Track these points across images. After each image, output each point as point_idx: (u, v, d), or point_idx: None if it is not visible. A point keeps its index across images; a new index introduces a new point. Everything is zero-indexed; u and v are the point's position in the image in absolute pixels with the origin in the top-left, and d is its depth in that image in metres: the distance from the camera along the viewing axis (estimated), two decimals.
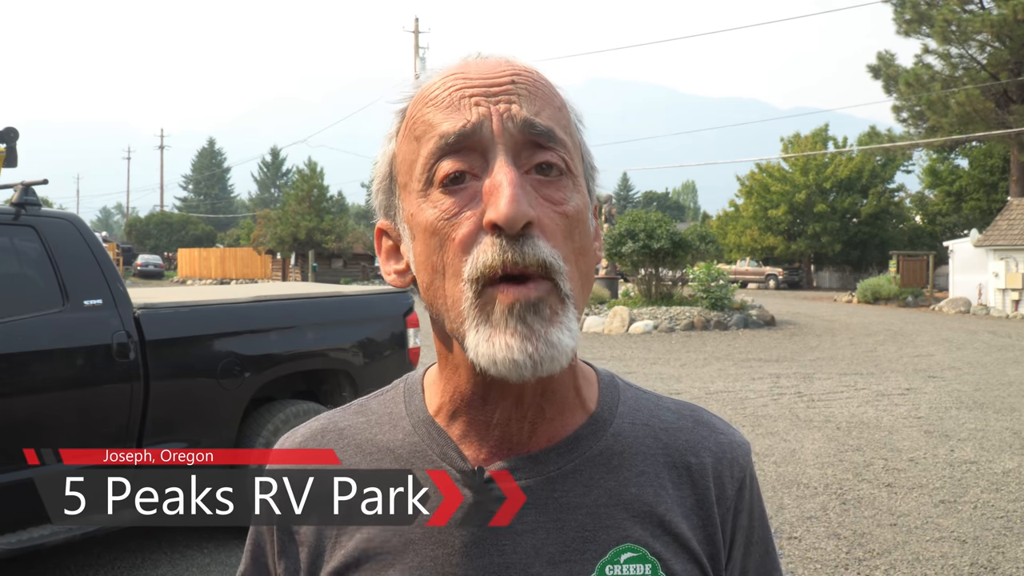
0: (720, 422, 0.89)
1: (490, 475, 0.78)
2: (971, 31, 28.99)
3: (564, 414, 0.81)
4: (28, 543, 3.59)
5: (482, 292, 0.71)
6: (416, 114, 0.77)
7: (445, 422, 0.81)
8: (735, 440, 0.87)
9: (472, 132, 0.72)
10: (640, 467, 0.81)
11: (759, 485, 0.90)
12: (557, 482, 0.79)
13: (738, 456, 0.86)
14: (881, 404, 9.31)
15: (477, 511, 0.77)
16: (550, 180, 0.74)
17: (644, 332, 17.25)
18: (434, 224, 0.73)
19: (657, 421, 0.85)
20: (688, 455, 0.83)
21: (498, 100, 0.74)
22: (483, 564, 0.76)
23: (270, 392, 4.77)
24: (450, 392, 0.81)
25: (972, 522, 5.22)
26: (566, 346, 0.71)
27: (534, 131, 0.73)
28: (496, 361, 0.70)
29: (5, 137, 4.90)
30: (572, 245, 0.74)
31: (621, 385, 0.88)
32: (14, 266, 4.13)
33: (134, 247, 59.33)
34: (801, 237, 40.73)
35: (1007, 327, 19.73)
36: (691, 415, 0.88)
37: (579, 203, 0.75)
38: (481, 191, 0.72)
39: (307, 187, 38.93)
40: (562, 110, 0.78)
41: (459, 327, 0.72)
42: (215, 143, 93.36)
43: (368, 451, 0.83)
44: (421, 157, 0.74)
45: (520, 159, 0.73)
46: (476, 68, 0.77)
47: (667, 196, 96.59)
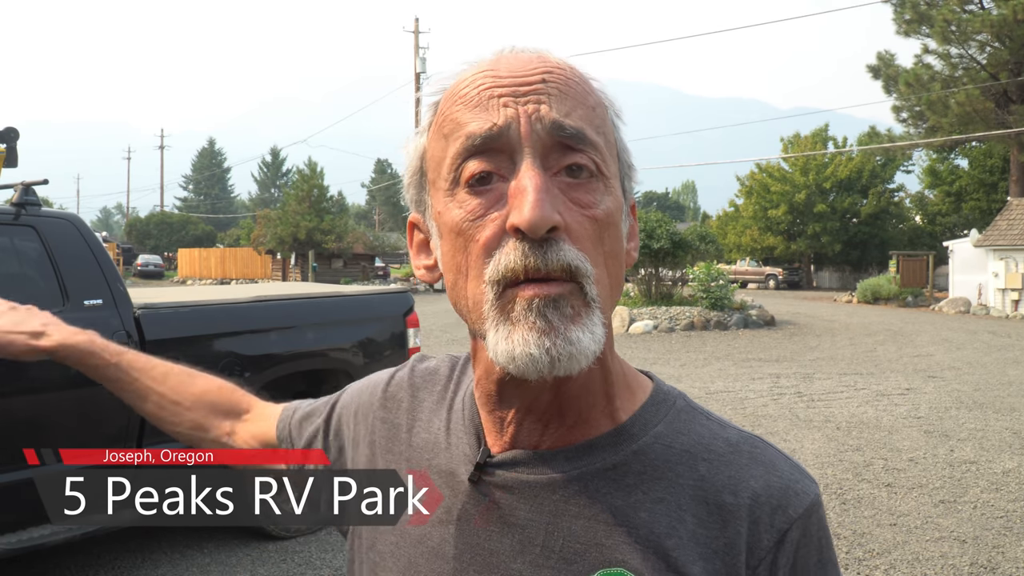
0: (785, 463, 0.78)
1: (503, 460, 0.79)
2: (971, 31, 28.99)
3: (588, 421, 0.78)
4: (28, 543, 3.59)
5: (503, 293, 0.70)
6: (446, 110, 0.76)
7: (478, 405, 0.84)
8: (793, 486, 0.76)
9: (499, 135, 0.71)
10: (660, 493, 0.75)
11: (830, 549, 0.77)
12: (558, 485, 0.76)
13: (789, 503, 0.75)
14: (881, 404, 9.31)
15: (477, 490, 0.79)
16: (580, 183, 0.72)
17: (644, 332, 17.25)
18: (459, 225, 0.72)
19: (703, 450, 0.78)
20: (725, 492, 0.75)
21: (527, 100, 0.72)
22: (472, 542, 0.78)
23: (270, 392, 4.76)
24: (476, 382, 0.83)
25: (972, 522, 5.22)
26: (586, 347, 0.69)
27: (563, 133, 0.71)
28: (514, 357, 0.69)
29: (5, 137, 4.90)
30: (602, 249, 0.72)
31: (678, 405, 0.82)
32: (14, 266, 4.12)
33: (134, 247, 59.33)
34: (801, 237, 40.74)
35: (1007, 327, 19.73)
36: (749, 450, 0.78)
37: (610, 206, 0.74)
38: (507, 193, 0.71)
39: (307, 187, 38.92)
40: (596, 109, 0.76)
41: (480, 327, 0.72)
42: (215, 143, 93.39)
43: (418, 416, 0.90)
44: (448, 156, 0.74)
45: (549, 161, 0.71)
46: (507, 65, 0.75)
47: (667, 196, 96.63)
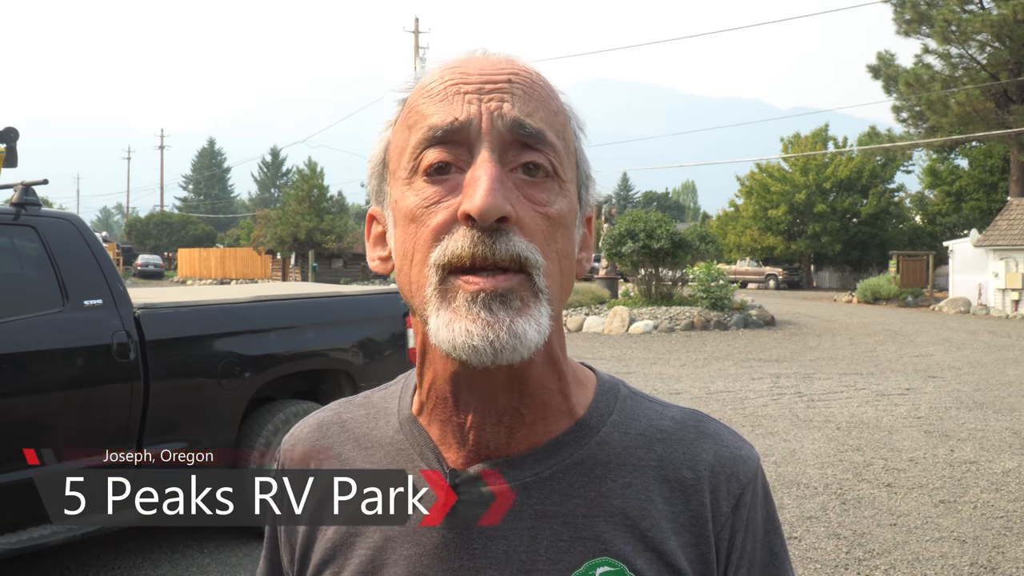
0: (728, 433, 0.84)
1: (469, 476, 0.77)
2: (971, 31, 28.99)
3: (547, 420, 0.79)
4: (28, 543, 3.59)
5: (446, 279, 0.71)
6: (413, 103, 0.77)
7: (426, 421, 0.81)
8: (739, 454, 0.82)
9: (460, 128, 0.72)
10: (627, 478, 0.78)
11: (772, 504, 0.84)
12: (533, 488, 0.77)
13: (739, 470, 0.80)
14: (881, 404, 9.31)
15: (452, 514, 0.77)
16: (535, 181, 0.73)
17: (644, 332, 17.24)
18: (413, 211, 0.73)
19: (655, 431, 0.81)
20: (683, 468, 0.79)
21: (491, 98, 0.73)
22: (454, 567, 0.76)
23: (270, 392, 4.77)
24: (426, 390, 0.80)
25: (972, 522, 5.22)
26: (531, 339, 0.69)
27: (523, 131, 0.73)
28: (456, 346, 0.69)
29: (5, 137, 4.90)
30: (554, 246, 0.73)
31: (623, 392, 0.85)
32: (14, 266, 4.13)
33: (134, 247, 59.36)
34: (801, 237, 40.73)
35: (1007, 327, 19.73)
36: (695, 425, 0.83)
37: (563, 207, 0.75)
38: (463, 183, 0.72)
39: (307, 187, 38.92)
40: (558, 114, 0.77)
41: (423, 311, 0.73)
42: (215, 143, 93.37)
43: (364, 445, 0.84)
44: (410, 145, 0.75)
45: (507, 157, 0.73)
46: (477, 64, 0.77)
47: (667, 196, 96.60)
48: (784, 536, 0.86)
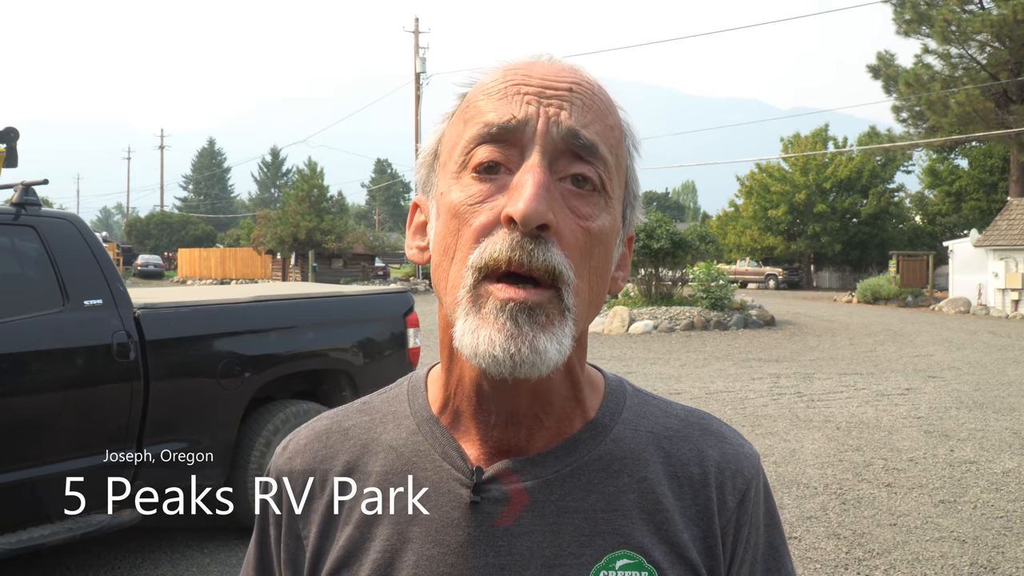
0: (730, 432, 0.87)
1: (492, 474, 0.78)
2: (971, 31, 28.99)
3: (562, 421, 0.81)
4: (28, 543, 3.58)
5: (480, 283, 0.71)
6: (472, 99, 0.78)
7: (448, 421, 0.82)
8: (742, 451, 0.85)
9: (515, 128, 0.73)
10: (641, 473, 0.80)
11: (772, 500, 0.88)
12: (554, 485, 0.78)
13: (743, 467, 0.84)
14: (881, 404, 9.31)
15: (476, 511, 0.77)
16: (581, 193, 0.73)
17: (644, 332, 17.25)
18: (458, 207, 0.73)
19: (661, 429, 0.84)
20: (691, 465, 0.82)
21: (550, 104, 0.74)
22: (479, 564, 0.76)
23: (270, 392, 4.77)
24: (452, 391, 0.81)
25: (972, 522, 5.22)
26: (551, 357, 0.70)
27: (577, 142, 0.73)
28: (477, 353, 0.70)
29: (5, 137, 4.90)
30: (589, 263, 0.74)
31: (629, 391, 0.87)
32: (14, 266, 4.13)
33: (134, 247, 59.34)
34: (801, 237, 40.73)
35: (1007, 327, 19.73)
36: (699, 423, 0.86)
37: (605, 223, 0.75)
38: (509, 185, 0.72)
39: (307, 187, 38.90)
40: (613, 129, 0.77)
41: (452, 312, 0.73)
42: (215, 143, 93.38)
43: (374, 451, 0.84)
44: (463, 140, 0.75)
45: (557, 166, 0.73)
46: (540, 69, 0.77)
47: (667, 196, 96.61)
48: (783, 531, 0.88)
